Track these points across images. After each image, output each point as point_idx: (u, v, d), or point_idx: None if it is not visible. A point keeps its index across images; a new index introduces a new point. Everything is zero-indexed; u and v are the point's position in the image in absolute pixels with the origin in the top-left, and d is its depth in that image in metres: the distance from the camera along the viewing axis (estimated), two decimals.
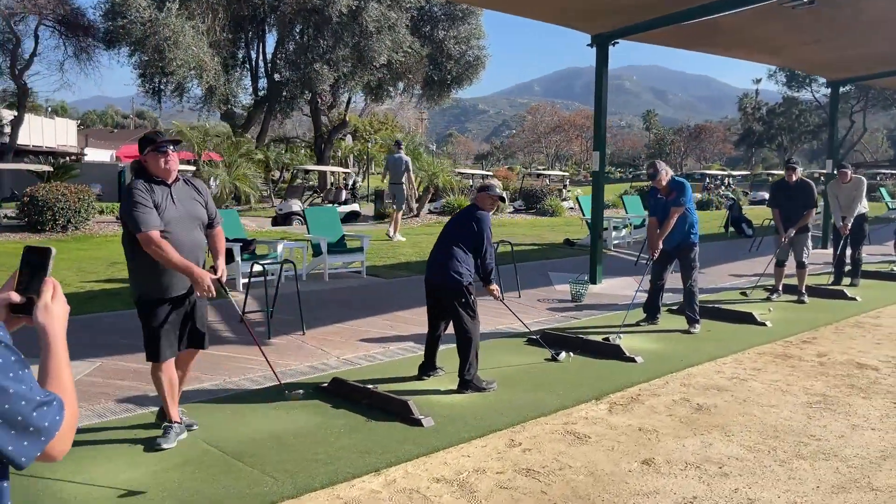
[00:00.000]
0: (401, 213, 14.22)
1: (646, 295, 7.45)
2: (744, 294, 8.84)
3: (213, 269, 4.04)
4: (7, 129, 26.33)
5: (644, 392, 5.14)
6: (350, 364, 5.76)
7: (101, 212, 16.01)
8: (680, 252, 7.07)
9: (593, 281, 9.59)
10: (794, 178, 8.44)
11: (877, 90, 61.07)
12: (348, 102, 31.74)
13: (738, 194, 26.24)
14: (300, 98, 26.89)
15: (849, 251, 9.92)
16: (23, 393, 1.14)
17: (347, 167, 45.20)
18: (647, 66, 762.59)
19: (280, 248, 8.39)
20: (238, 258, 7.84)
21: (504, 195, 5.26)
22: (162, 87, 24.94)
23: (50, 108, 56.66)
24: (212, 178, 13.80)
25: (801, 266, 8.60)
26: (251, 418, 4.42)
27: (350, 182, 19.73)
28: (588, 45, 9.22)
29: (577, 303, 8.47)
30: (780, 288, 8.87)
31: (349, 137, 41.32)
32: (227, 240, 8.15)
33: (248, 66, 27.46)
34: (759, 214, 18.45)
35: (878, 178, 36.24)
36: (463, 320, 5.07)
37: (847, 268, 9.95)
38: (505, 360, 5.85)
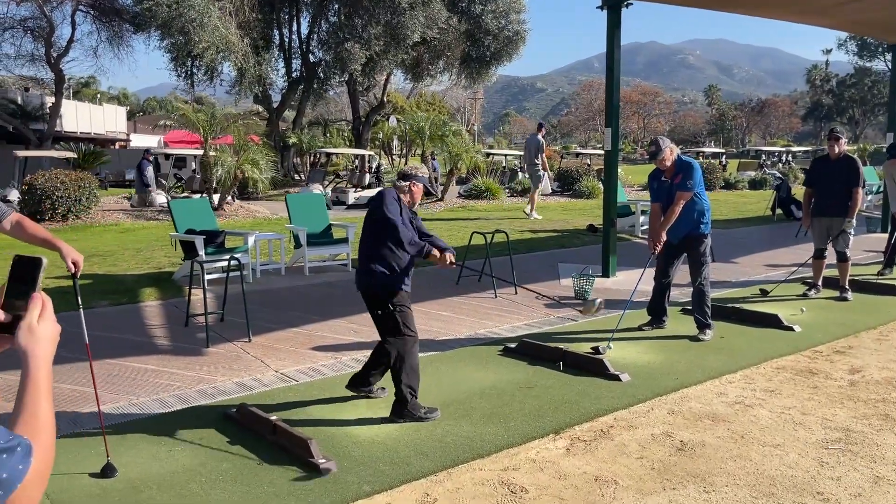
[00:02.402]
0: (537, 192, 14.73)
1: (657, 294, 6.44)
2: (763, 293, 7.64)
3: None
4: (48, 117, 26.54)
5: (619, 423, 4.21)
6: (285, 380, 5.00)
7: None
8: (688, 245, 6.03)
9: (606, 274, 8.59)
10: (838, 151, 7.23)
11: None
12: (386, 83, 30.95)
13: (796, 172, 24.38)
14: (333, 79, 26.27)
15: None
16: None
17: (392, 150, 44.57)
18: (713, 40, 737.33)
19: (251, 240, 7.69)
20: (201, 252, 7.18)
21: (429, 186, 4.37)
22: (194, 70, 24.71)
23: (97, 96, 57.83)
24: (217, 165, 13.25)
25: (842, 258, 7.42)
26: (125, 456, 3.70)
27: (374, 165, 18.99)
28: (598, 7, 8.14)
29: (581, 300, 7.52)
30: (821, 283, 7.71)
31: (393, 119, 40.74)
32: (194, 231, 7.52)
33: (280, 47, 26.97)
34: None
35: None
36: (381, 334, 4.26)
37: None
38: (467, 377, 5.00)
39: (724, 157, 31.31)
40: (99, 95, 49.39)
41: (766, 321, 6.34)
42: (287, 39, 26.46)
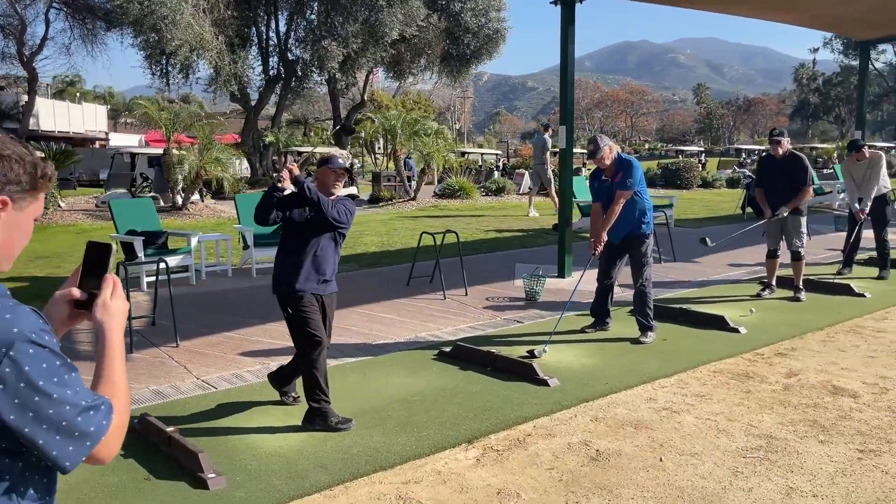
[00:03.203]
0: (543, 191, 14.73)
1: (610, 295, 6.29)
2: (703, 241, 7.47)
3: None
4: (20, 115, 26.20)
5: (538, 431, 4.07)
6: (204, 388, 4.83)
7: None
8: (629, 245, 5.89)
9: (561, 274, 8.46)
10: (781, 152, 7.12)
11: None
12: (366, 81, 30.76)
13: None
14: (311, 77, 26.04)
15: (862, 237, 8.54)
16: (68, 398, 1.16)
17: (374, 150, 44.32)
18: (703, 39, 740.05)
19: (194, 241, 7.49)
20: (140, 254, 6.99)
21: (349, 167, 4.19)
22: (169, 68, 24.45)
23: (68, 93, 57.19)
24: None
25: (796, 257, 7.30)
26: None
27: (347, 164, 18.79)
28: (551, 2, 8.00)
29: (531, 301, 7.38)
30: (774, 283, 7.59)
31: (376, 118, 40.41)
32: (135, 232, 7.33)
33: (258, 45, 26.71)
34: None
35: None
36: (291, 336, 4.12)
37: (871, 256, 8.60)
38: (393, 383, 4.84)
39: (704, 155, 31.27)
40: (79, 94, 48.89)
41: (712, 323, 6.21)
42: (264, 37, 26.20)
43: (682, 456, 3.71)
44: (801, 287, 7.30)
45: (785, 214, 7.09)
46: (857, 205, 8.26)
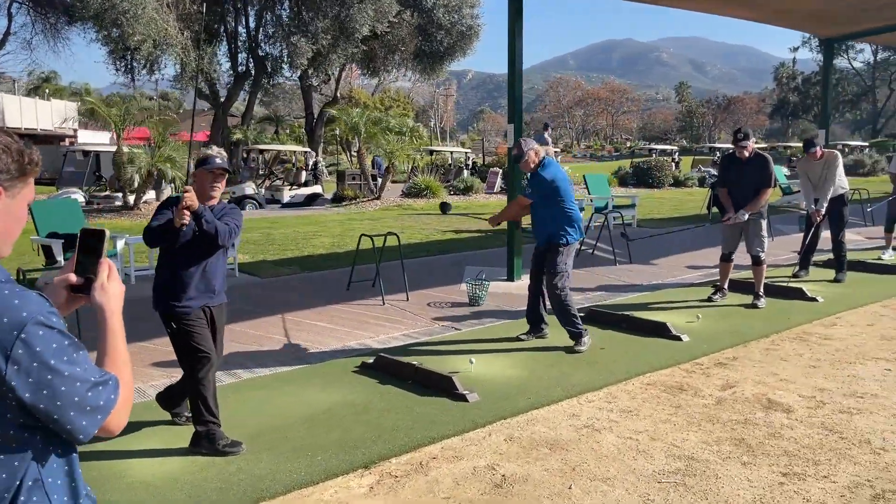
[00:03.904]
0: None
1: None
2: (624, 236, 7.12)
3: None
4: None
5: (445, 453, 3.77)
6: None
7: None
8: (547, 251, 5.60)
9: (511, 277, 8.17)
10: (747, 154, 6.85)
11: None
12: (339, 78, 30.33)
13: None
14: (281, 74, 25.63)
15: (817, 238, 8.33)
16: (78, 375, 1.24)
17: (350, 149, 43.85)
18: (687, 38, 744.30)
19: (120, 244, 7.13)
20: (60, 257, 6.62)
21: (226, 166, 3.81)
22: (134, 64, 23.94)
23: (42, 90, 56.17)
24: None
25: (757, 262, 7.05)
26: None
27: (311, 162, 18.45)
28: None
29: (474, 306, 7.09)
30: (727, 286, 7.35)
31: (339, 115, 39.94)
32: (57, 235, 6.96)
33: (228, 41, 26.22)
34: None
35: None
36: (176, 354, 3.79)
37: (829, 258, 8.40)
38: (302, 400, 4.53)
39: (677, 153, 31.16)
40: (48, 91, 47.99)
41: (654, 330, 5.95)
42: (232, 33, 25.72)
43: (593, 481, 3.43)
44: (761, 293, 7.04)
45: (744, 219, 6.85)
46: (813, 205, 8.05)
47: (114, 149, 23.90)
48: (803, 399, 4.49)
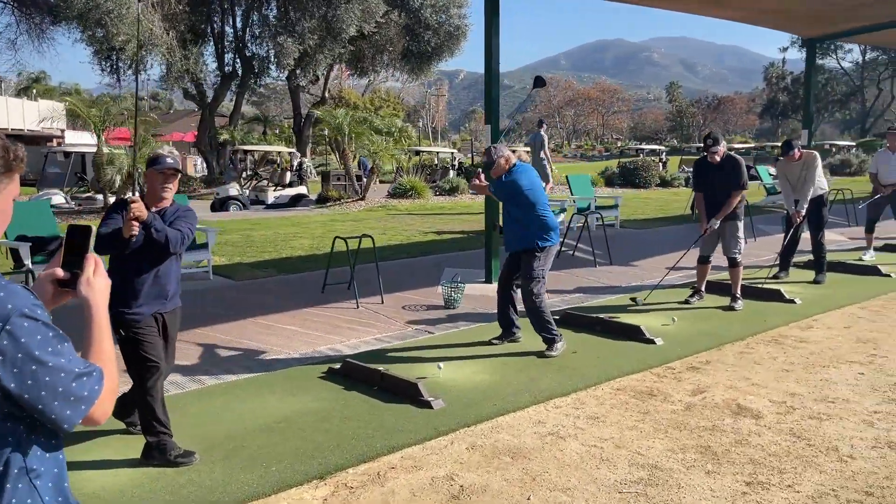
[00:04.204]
0: (548, 186, 14.71)
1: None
2: (633, 301, 7.16)
3: None
4: None
5: (405, 462, 3.69)
6: None
7: None
8: (522, 255, 5.53)
9: (489, 279, 8.08)
10: (718, 159, 6.80)
11: None
12: (327, 79, 30.23)
13: None
14: (268, 74, 25.50)
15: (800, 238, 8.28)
16: (63, 365, 1.27)
17: (340, 149, 43.70)
18: (676, 38, 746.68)
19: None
20: (27, 261, 6.49)
21: (178, 166, 3.69)
22: (120, 64, 23.76)
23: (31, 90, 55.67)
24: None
25: (733, 263, 7.00)
26: None
27: (296, 163, 18.34)
28: None
29: (450, 309, 7.01)
30: (703, 288, 7.30)
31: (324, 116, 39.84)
32: (26, 237, 6.84)
33: (215, 41, 26.04)
34: None
35: None
36: (125, 361, 3.68)
37: (809, 259, 8.35)
38: (263, 407, 4.43)
39: (665, 154, 31.16)
40: (35, 92, 47.62)
41: (628, 333, 5.88)
42: (219, 33, 25.56)
43: (553, 492, 3.35)
44: (739, 295, 6.99)
45: (716, 226, 6.83)
46: (793, 207, 8.00)
47: (82, 149, 23.73)
48: (773, 404, 4.42)
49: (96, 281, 1.42)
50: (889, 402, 4.40)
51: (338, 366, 5.08)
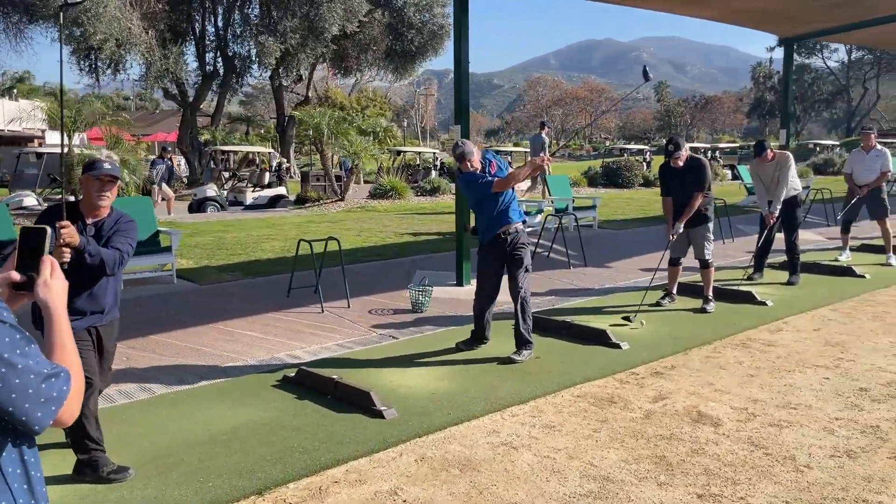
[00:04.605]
0: (547, 185, 15.42)
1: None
2: (626, 320, 6.43)
3: None
4: None
5: (349, 476, 3.56)
6: None
7: None
8: (513, 251, 5.46)
9: (460, 282, 7.97)
10: (681, 164, 6.71)
11: (890, 54, 58.13)
12: (310, 78, 30.04)
13: (716, 169, 24.15)
14: (249, 74, 25.30)
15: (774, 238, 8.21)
16: (31, 367, 1.26)
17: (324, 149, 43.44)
18: (666, 38, 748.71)
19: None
20: None
21: (116, 172, 3.51)
22: (98, 63, 23.50)
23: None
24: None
25: (704, 265, 6.92)
26: None
27: (275, 163, 18.15)
28: None
29: (418, 313, 6.88)
30: (675, 290, 7.21)
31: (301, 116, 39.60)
32: None
33: (198, 40, 25.81)
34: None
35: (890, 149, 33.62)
36: None
37: (784, 260, 8.28)
38: (209, 418, 4.29)
39: (649, 153, 31.14)
40: (16, 92, 47.13)
41: (594, 337, 5.77)
42: (199, 33, 25.32)
43: None
44: (711, 297, 6.90)
45: (681, 230, 6.75)
46: (766, 208, 7.93)
47: (55, 150, 23.40)
48: (734, 411, 4.32)
49: (54, 283, 1.41)
50: (851, 409, 4.31)
51: (293, 374, 4.95)
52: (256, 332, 6.17)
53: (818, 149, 33.30)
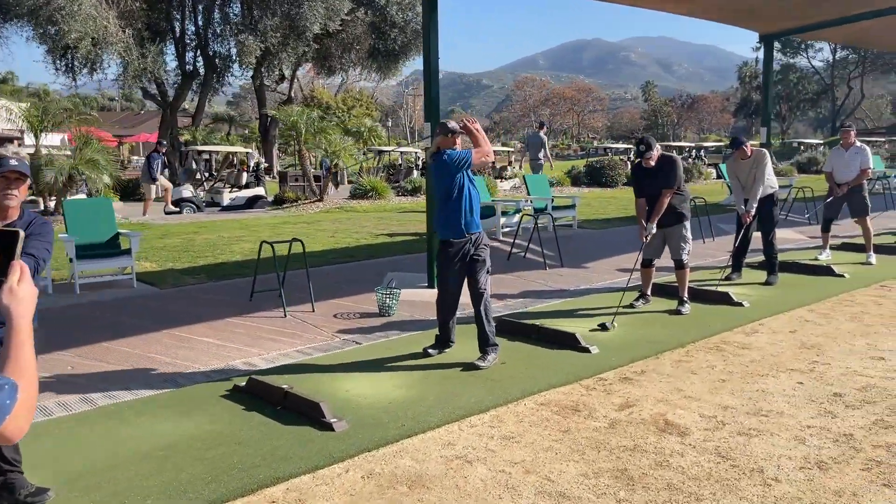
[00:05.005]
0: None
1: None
2: (602, 327, 6.12)
3: None
4: None
5: (289, 495, 3.33)
6: None
7: None
8: (476, 248, 5.26)
9: (431, 284, 7.74)
10: (653, 163, 6.54)
11: (874, 53, 58.40)
12: (293, 78, 29.72)
13: (699, 168, 24.05)
14: (230, 73, 24.96)
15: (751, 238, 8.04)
16: None
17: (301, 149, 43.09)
18: (654, 38, 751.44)
19: None
20: None
21: (24, 169, 3.24)
22: (75, 63, 23.09)
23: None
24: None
25: (679, 266, 6.73)
26: None
27: (253, 163, 17.87)
28: None
29: (385, 317, 6.66)
30: (649, 292, 7.02)
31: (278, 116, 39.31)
32: None
33: (180, 39, 25.43)
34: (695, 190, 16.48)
35: (873, 147, 33.61)
36: None
37: (762, 259, 8.11)
38: (147, 432, 4.05)
39: (633, 153, 31.01)
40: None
41: (564, 341, 5.57)
42: (178, 31, 24.96)
43: None
44: (686, 298, 6.71)
45: (653, 230, 6.58)
46: (742, 206, 7.76)
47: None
48: (703, 419, 4.12)
49: (20, 289, 1.33)
50: (824, 416, 4.12)
51: (243, 383, 4.71)
52: (213, 339, 5.92)
53: (802, 147, 33.28)
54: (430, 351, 5.44)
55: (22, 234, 1.37)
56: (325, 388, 4.67)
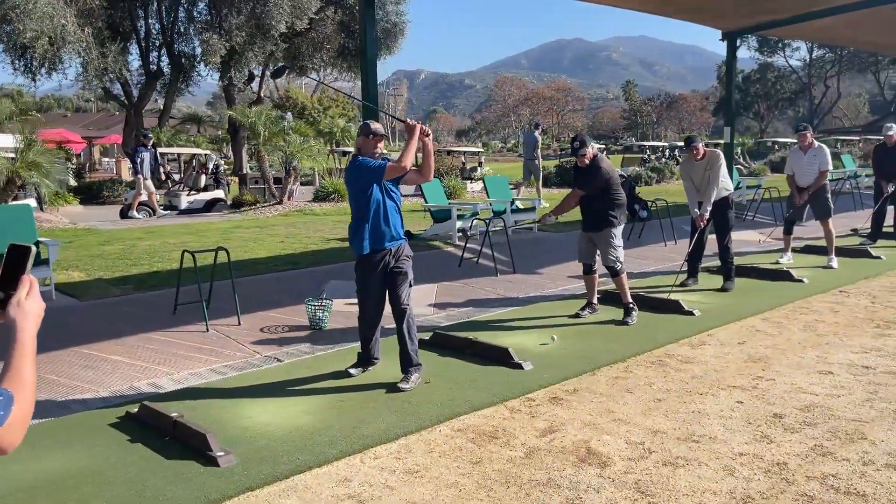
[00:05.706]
0: (540, 182, 16.24)
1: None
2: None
3: None
4: None
5: None
6: None
7: None
8: (397, 260, 4.90)
9: None
10: (587, 162, 6.25)
11: (850, 52, 58.74)
12: (262, 77, 29.15)
13: (672, 168, 23.85)
14: (195, 73, 24.40)
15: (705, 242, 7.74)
16: None
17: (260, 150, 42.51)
18: (635, 38, 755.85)
19: None
20: None
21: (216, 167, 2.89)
22: (34, 62, 22.46)
23: None
24: None
25: (614, 273, 6.39)
26: None
27: (211, 165, 17.39)
28: None
29: (316, 330, 6.27)
30: (595, 301, 6.69)
31: (289, 115, 38.82)
32: None
33: (143, 38, 24.84)
34: (656, 192, 16.23)
35: (839, 146, 33.66)
36: None
37: (717, 266, 7.81)
38: (15, 468, 3.63)
39: (605, 153, 30.84)
40: None
41: (497, 357, 5.21)
42: (141, 30, 24.39)
43: None
44: (632, 304, 6.38)
45: (554, 219, 6.50)
46: (696, 209, 7.46)
47: None
48: (629, 447, 3.77)
49: (28, 304, 1.35)
50: (759, 441, 3.79)
51: (136, 409, 4.30)
52: (122, 357, 5.50)
53: (776, 146, 33.26)
54: (351, 371, 5.06)
55: (34, 249, 1.38)
56: (225, 414, 4.28)
